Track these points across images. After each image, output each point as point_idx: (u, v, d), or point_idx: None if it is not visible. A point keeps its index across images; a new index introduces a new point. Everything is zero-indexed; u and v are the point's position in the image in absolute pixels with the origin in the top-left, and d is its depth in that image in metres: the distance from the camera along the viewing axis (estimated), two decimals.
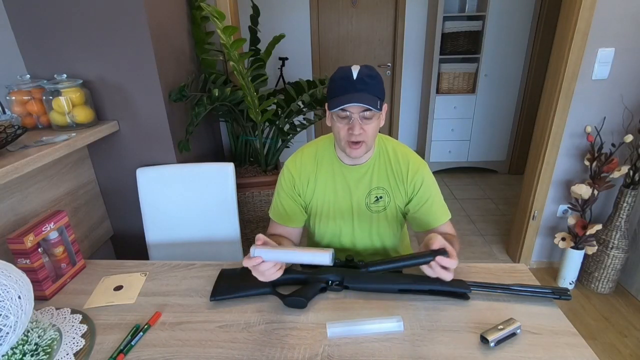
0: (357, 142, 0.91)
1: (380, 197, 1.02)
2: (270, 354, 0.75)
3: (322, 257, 0.74)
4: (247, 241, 1.99)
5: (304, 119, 1.99)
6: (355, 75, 0.88)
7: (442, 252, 0.76)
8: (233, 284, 0.91)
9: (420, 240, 1.02)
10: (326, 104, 0.94)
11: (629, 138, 1.70)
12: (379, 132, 1.01)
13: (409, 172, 1.01)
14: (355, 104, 0.86)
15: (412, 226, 1.09)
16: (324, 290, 0.90)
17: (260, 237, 0.78)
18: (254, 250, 0.75)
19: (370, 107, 0.86)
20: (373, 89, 0.88)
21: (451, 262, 0.75)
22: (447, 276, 0.76)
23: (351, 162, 1.01)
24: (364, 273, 0.91)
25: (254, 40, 2.00)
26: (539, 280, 0.95)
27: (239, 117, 1.86)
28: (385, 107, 0.95)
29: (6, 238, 0.87)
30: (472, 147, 3.43)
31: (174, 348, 0.77)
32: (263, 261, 0.76)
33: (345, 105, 0.87)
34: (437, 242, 0.77)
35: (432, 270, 0.77)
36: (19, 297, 0.66)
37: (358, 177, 1.02)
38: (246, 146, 2.05)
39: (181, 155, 1.54)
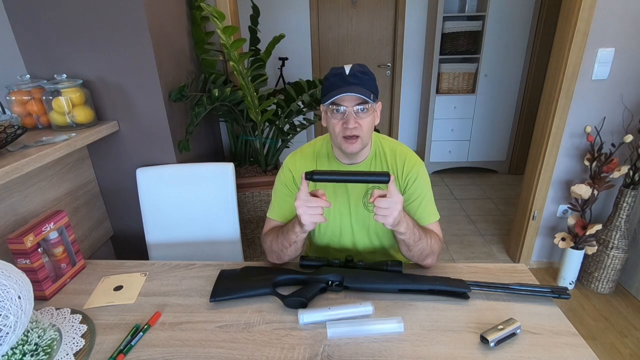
0: (352, 137, 0.90)
1: None
2: (270, 354, 0.75)
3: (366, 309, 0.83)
4: (247, 241, 1.99)
5: (304, 119, 1.99)
6: (347, 71, 0.89)
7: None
8: (233, 285, 0.91)
9: None
10: (322, 106, 0.95)
11: (629, 138, 1.70)
12: (378, 131, 1.01)
13: (404, 167, 1.01)
14: (349, 94, 0.86)
15: None
16: (324, 290, 0.90)
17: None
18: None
19: (364, 97, 0.86)
20: (366, 83, 0.89)
21: (396, 193, 0.80)
22: (387, 214, 0.80)
23: (348, 161, 1.01)
24: (364, 273, 0.91)
25: (254, 40, 2.00)
26: (539, 281, 0.95)
27: (239, 117, 1.86)
28: (379, 105, 0.95)
29: (6, 238, 0.87)
30: (472, 147, 3.43)
31: (174, 348, 0.77)
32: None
33: (339, 96, 0.86)
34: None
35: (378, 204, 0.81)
36: (19, 297, 0.66)
37: None
38: (246, 146, 2.05)
39: (181, 155, 1.54)
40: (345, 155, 0.99)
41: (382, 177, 0.80)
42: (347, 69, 0.90)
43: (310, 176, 0.81)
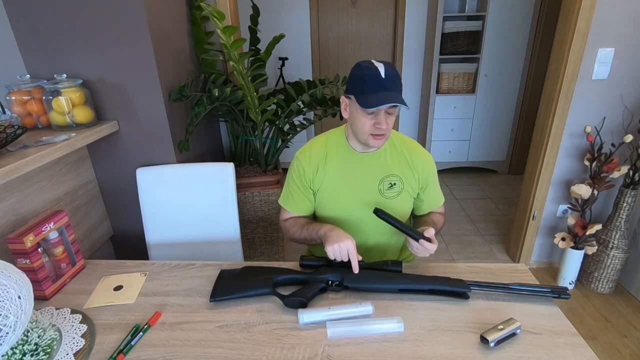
0: (380, 135, 0.96)
1: (394, 184, 1.06)
2: (270, 354, 0.75)
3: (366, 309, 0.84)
4: (247, 241, 1.99)
5: (304, 119, 1.99)
6: (383, 74, 0.91)
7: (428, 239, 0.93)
8: (233, 285, 0.91)
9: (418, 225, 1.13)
10: (346, 99, 0.99)
11: (629, 138, 1.70)
12: None
13: (418, 158, 1.07)
14: (393, 104, 0.90)
15: (415, 210, 1.15)
16: (324, 290, 0.90)
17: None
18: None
19: (406, 105, 0.91)
20: (399, 86, 0.93)
21: (432, 246, 0.93)
22: (424, 253, 0.94)
23: (362, 149, 1.05)
24: (364, 273, 0.91)
25: (254, 40, 2.00)
26: (539, 280, 0.95)
27: (239, 117, 1.86)
28: None
29: (6, 238, 0.87)
30: (472, 147, 3.43)
31: (174, 348, 0.77)
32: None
33: (384, 106, 0.91)
34: (429, 232, 0.93)
35: (415, 247, 0.94)
36: (19, 297, 0.66)
37: (370, 164, 1.05)
38: (246, 146, 2.05)
39: (181, 155, 1.54)
40: (361, 145, 1.03)
41: (419, 237, 0.92)
42: (382, 70, 0.91)
43: (377, 212, 0.96)
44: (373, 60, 0.94)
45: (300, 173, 1.07)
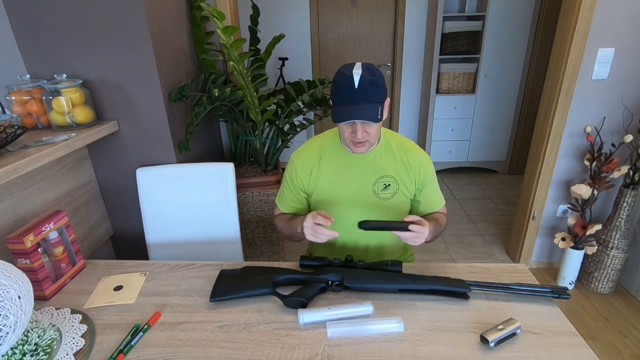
0: (360, 142, 0.96)
1: (389, 185, 1.05)
2: (270, 354, 0.75)
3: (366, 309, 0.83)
4: (247, 241, 1.99)
5: (304, 119, 1.99)
6: (356, 83, 0.88)
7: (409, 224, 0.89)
8: (233, 285, 0.91)
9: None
10: (331, 109, 0.97)
11: (629, 138, 1.70)
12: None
13: (415, 159, 1.06)
14: (357, 120, 0.90)
15: (413, 212, 1.15)
16: (324, 290, 0.90)
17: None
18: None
19: (371, 122, 0.90)
20: (374, 96, 0.90)
21: (421, 228, 0.89)
22: (417, 239, 0.90)
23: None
24: (364, 273, 0.91)
25: (254, 40, 2.00)
26: (539, 281, 0.95)
27: (239, 117, 1.86)
28: (387, 101, 0.97)
29: (6, 238, 0.87)
30: (472, 147, 3.43)
31: (173, 348, 0.77)
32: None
33: (347, 122, 0.91)
34: (409, 217, 0.91)
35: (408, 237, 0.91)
36: (19, 297, 0.66)
37: (364, 165, 1.05)
38: (246, 146, 2.05)
39: (181, 155, 1.54)
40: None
41: (406, 226, 0.88)
42: (356, 79, 0.88)
43: (363, 225, 0.90)
44: (357, 65, 0.90)
45: (293, 175, 1.09)
